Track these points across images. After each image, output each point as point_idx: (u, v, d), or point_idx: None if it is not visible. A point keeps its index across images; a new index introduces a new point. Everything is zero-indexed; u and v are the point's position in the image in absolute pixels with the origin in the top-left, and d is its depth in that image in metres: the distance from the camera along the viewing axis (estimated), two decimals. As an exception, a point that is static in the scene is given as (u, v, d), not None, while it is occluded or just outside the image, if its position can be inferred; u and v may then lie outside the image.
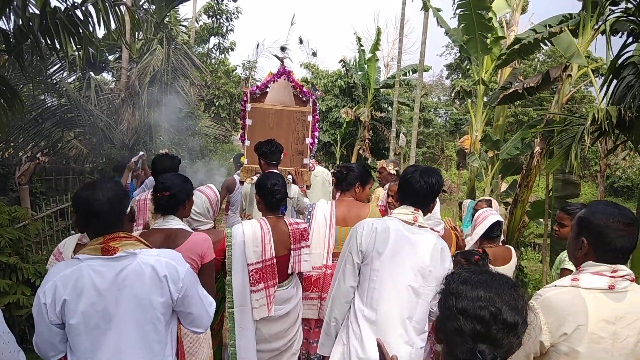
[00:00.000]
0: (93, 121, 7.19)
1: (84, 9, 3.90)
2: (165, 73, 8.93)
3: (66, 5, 3.89)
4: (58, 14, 3.67)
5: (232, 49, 17.53)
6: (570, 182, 5.67)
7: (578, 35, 5.38)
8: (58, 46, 3.81)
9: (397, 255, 1.88)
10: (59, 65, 7.25)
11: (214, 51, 17.44)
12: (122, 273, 1.46)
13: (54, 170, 7.18)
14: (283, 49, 4.97)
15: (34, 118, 6.95)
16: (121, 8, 4.32)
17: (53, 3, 3.80)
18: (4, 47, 3.95)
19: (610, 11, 4.58)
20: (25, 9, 3.71)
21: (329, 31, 56.08)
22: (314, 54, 19.37)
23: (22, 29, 3.66)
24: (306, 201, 3.53)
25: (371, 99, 16.18)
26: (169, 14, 11.79)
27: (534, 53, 7.91)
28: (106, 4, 3.98)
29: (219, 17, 16.58)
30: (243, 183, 3.93)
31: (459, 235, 3.10)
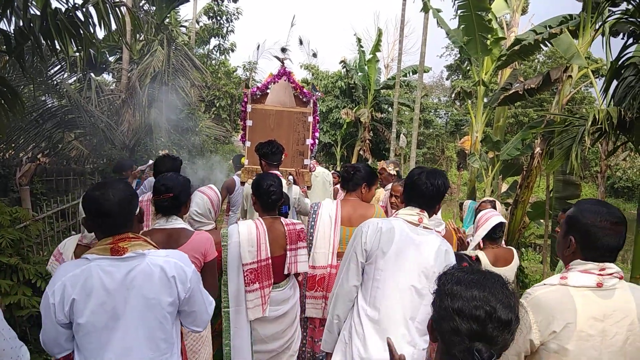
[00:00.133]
0: (94, 122, 7.21)
1: (84, 10, 3.91)
2: (166, 74, 8.94)
3: (67, 7, 3.89)
4: (59, 15, 3.68)
5: (233, 50, 17.59)
6: (571, 183, 5.68)
7: (578, 37, 5.39)
8: (59, 47, 3.82)
9: (402, 255, 1.88)
10: (59, 67, 7.27)
11: (214, 52, 17.49)
12: (131, 273, 1.46)
13: (55, 171, 7.20)
14: (283, 50, 4.98)
15: (34, 119, 6.97)
16: (122, 9, 4.32)
17: (54, 4, 3.82)
18: (4, 48, 3.96)
19: (610, 12, 4.59)
20: (26, 10, 3.72)
21: (329, 32, 56.29)
22: (314, 55, 19.41)
23: (23, 30, 3.67)
24: (307, 202, 3.54)
25: (371, 99, 16.20)
26: (169, 15, 11.83)
27: (534, 54, 7.93)
28: (107, 5, 3.99)
29: (219, 18, 16.61)
30: (244, 184, 3.93)
31: (463, 237, 3.10)
